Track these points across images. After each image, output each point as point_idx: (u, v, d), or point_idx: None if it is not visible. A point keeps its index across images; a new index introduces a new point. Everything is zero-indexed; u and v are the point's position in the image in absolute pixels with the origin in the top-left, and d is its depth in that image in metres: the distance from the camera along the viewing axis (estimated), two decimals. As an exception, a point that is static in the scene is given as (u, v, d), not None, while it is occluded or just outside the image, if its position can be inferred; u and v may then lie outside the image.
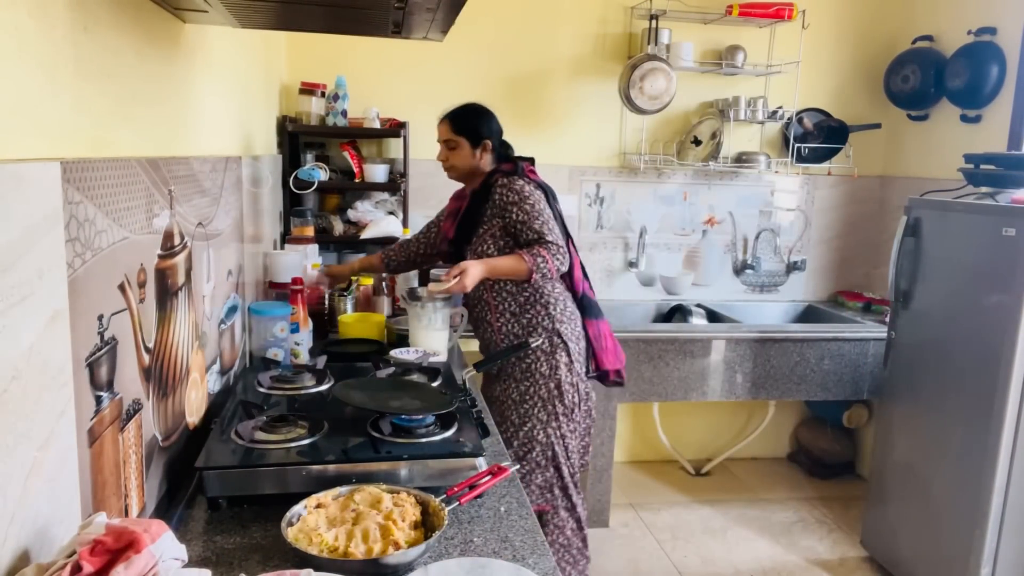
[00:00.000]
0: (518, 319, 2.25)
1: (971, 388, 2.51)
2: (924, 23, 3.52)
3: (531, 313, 2.24)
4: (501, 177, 2.22)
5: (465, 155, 2.26)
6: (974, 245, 2.52)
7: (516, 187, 2.18)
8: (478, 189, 2.27)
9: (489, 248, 2.20)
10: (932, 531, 2.68)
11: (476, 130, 2.26)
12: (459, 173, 2.32)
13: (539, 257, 2.10)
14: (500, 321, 2.26)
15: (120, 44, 1.12)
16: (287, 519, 1.15)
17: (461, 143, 2.26)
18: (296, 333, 2.02)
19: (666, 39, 3.42)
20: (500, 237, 2.21)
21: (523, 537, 1.27)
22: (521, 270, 2.10)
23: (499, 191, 2.20)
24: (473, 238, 2.24)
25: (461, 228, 2.29)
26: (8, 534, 0.78)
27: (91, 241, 0.97)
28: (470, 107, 2.32)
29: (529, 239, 2.16)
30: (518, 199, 2.16)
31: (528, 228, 2.16)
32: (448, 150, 2.28)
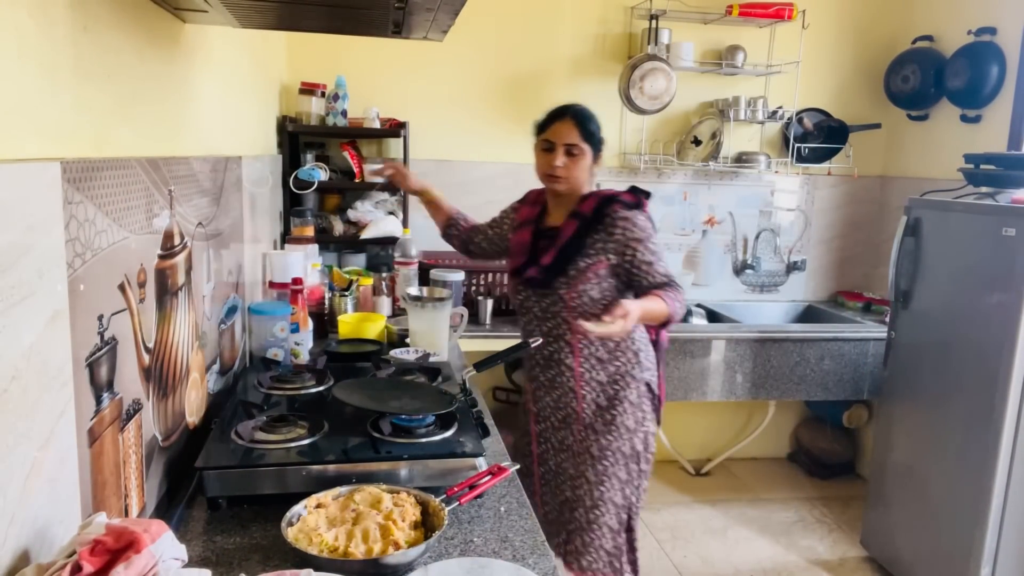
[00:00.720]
0: (605, 367, 2.01)
1: (971, 388, 2.51)
2: (924, 23, 3.52)
3: (621, 360, 2.01)
4: (622, 208, 1.93)
5: (585, 167, 1.95)
6: (974, 245, 2.52)
7: (640, 223, 1.92)
8: (588, 216, 1.94)
9: (592, 288, 1.93)
10: (932, 531, 2.68)
11: (600, 141, 1.97)
12: (571, 188, 1.98)
13: (677, 302, 1.86)
14: (584, 367, 2.00)
15: (120, 44, 1.12)
16: (287, 519, 1.15)
17: (585, 152, 1.94)
18: (296, 333, 2.02)
19: (666, 39, 3.42)
20: (605, 277, 1.93)
21: (523, 537, 1.27)
22: (662, 315, 1.85)
23: (621, 225, 1.91)
24: (571, 271, 1.93)
25: (562, 256, 1.95)
26: (8, 534, 0.78)
27: (91, 241, 0.97)
28: (589, 112, 1.99)
29: (655, 283, 1.90)
30: (643, 237, 1.91)
31: (654, 271, 1.91)
32: (569, 157, 1.93)
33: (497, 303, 3.11)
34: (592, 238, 1.93)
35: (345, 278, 2.72)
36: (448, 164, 3.46)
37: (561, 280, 1.94)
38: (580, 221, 1.95)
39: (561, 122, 1.93)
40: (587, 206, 1.96)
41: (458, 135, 3.45)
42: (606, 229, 1.92)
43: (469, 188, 3.50)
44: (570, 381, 2.03)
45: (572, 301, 1.95)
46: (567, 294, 1.95)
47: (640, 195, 1.99)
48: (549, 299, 1.98)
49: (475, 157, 3.49)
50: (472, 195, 3.50)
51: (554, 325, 2.01)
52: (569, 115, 1.93)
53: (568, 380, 2.03)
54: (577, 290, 1.93)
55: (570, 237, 1.95)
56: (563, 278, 1.94)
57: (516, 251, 2.08)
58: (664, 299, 1.84)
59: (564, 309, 1.97)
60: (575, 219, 1.96)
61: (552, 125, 1.94)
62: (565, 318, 1.98)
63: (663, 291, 1.86)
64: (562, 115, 1.93)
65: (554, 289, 1.96)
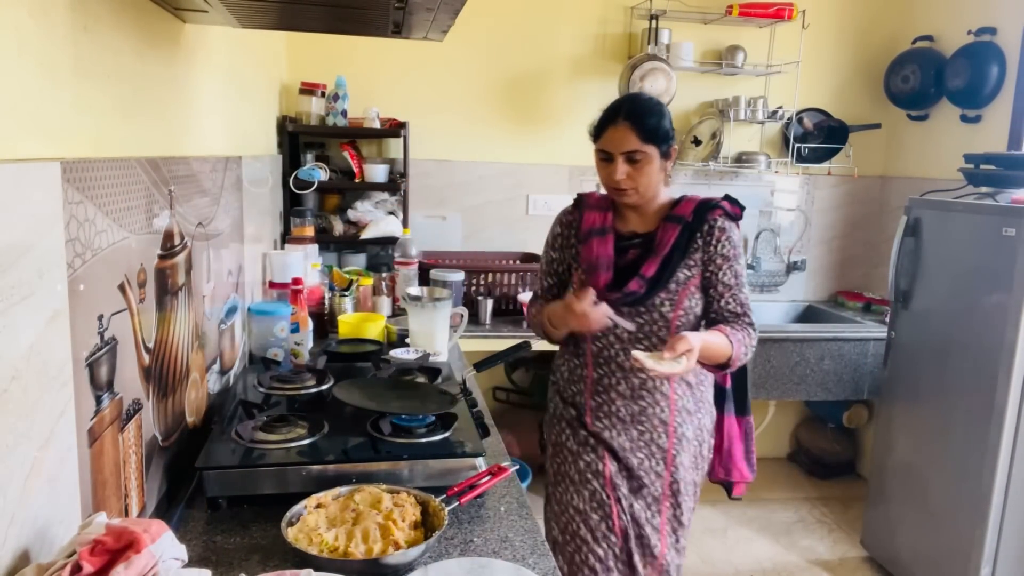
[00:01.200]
0: (693, 392, 1.80)
1: (971, 388, 2.51)
2: (924, 23, 3.52)
3: (704, 386, 1.83)
4: (723, 217, 1.71)
5: (654, 171, 1.67)
6: (974, 245, 2.52)
7: (735, 239, 1.71)
8: (690, 221, 1.71)
9: (696, 305, 1.72)
10: (932, 531, 2.68)
11: (667, 133, 1.68)
12: (644, 198, 1.71)
13: (744, 346, 1.66)
14: (678, 393, 1.77)
15: (120, 44, 1.12)
16: (287, 519, 1.15)
17: (651, 155, 1.66)
18: (296, 333, 2.02)
19: (666, 39, 3.42)
20: (696, 293, 1.72)
21: (523, 537, 1.26)
22: (721, 356, 1.64)
23: (718, 236, 1.69)
24: (672, 284, 1.69)
25: (667, 267, 1.70)
26: (8, 534, 0.78)
27: (91, 241, 0.97)
28: (651, 99, 1.74)
29: (727, 311, 1.71)
30: (734, 255, 1.70)
31: (733, 298, 1.70)
32: (631, 166, 1.66)
33: (497, 303, 3.11)
34: (693, 246, 1.71)
35: (345, 278, 2.72)
36: (448, 164, 3.46)
37: (663, 296, 1.69)
38: (683, 226, 1.70)
39: (614, 128, 1.65)
40: (685, 209, 1.72)
41: (458, 135, 3.45)
42: (704, 237, 1.70)
43: (469, 188, 3.50)
44: (663, 412, 1.77)
45: (677, 320, 1.70)
46: (672, 312, 1.70)
47: (736, 205, 1.75)
48: (644, 318, 1.71)
49: (475, 157, 3.49)
50: (472, 195, 3.51)
51: (648, 348, 1.70)
52: (622, 117, 1.64)
53: (662, 412, 1.77)
54: (683, 307, 1.70)
55: (674, 244, 1.69)
56: (665, 293, 1.69)
57: (597, 264, 1.74)
58: (730, 338, 1.63)
59: (664, 329, 1.72)
60: (675, 224, 1.71)
61: (605, 132, 1.67)
62: (663, 339, 1.70)
63: (732, 328, 1.67)
64: (613, 118, 1.66)
65: (656, 306, 1.70)
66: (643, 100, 1.72)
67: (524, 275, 3.15)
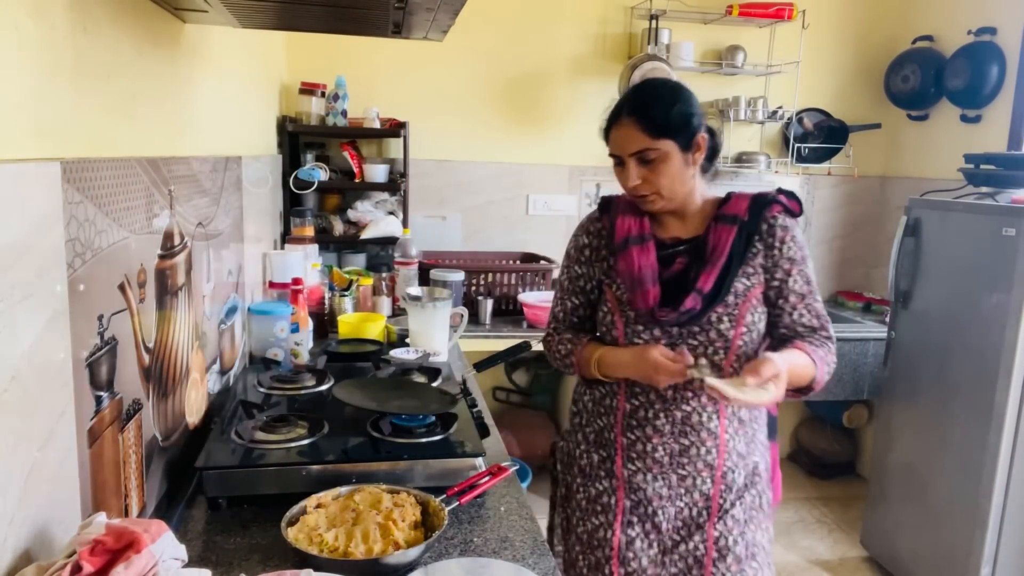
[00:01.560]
0: (744, 429, 1.51)
1: (971, 388, 2.51)
2: (924, 23, 3.52)
3: (758, 423, 1.56)
4: (780, 212, 1.47)
5: (677, 169, 1.41)
6: (974, 245, 2.52)
7: (800, 239, 1.47)
8: (747, 220, 1.45)
9: (759, 321, 1.45)
10: (932, 531, 2.68)
11: (686, 120, 1.40)
12: (672, 202, 1.46)
13: (827, 364, 1.43)
14: (729, 431, 1.48)
15: (120, 44, 1.12)
16: (287, 519, 1.15)
17: (665, 151, 1.40)
18: (296, 333, 2.02)
19: (666, 39, 3.42)
20: (763, 303, 1.46)
21: (523, 537, 1.26)
22: (803, 379, 1.41)
23: (781, 236, 1.45)
24: (730, 297, 1.42)
25: (727, 277, 1.43)
26: (8, 534, 0.78)
27: (91, 241, 0.97)
28: (660, 84, 1.48)
29: (800, 325, 1.46)
30: (802, 257, 1.45)
31: (808, 309, 1.46)
32: (645, 167, 1.41)
33: (497, 303, 3.11)
34: (753, 250, 1.45)
35: (345, 278, 2.72)
36: (448, 164, 3.46)
37: (720, 311, 1.42)
38: (739, 226, 1.43)
39: (617, 127, 1.43)
40: (738, 207, 1.46)
41: (458, 135, 3.45)
42: (764, 239, 1.44)
43: (469, 188, 3.50)
44: (710, 454, 1.47)
45: (739, 339, 1.42)
46: (734, 330, 1.42)
47: (794, 199, 1.49)
48: (699, 339, 1.43)
49: (475, 157, 3.49)
50: (472, 195, 3.51)
51: None
52: (624, 114, 1.41)
53: (708, 454, 1.47)
54: (745, 323, 1.42)
55: (731, 250, 1.42)
56: (723, 307, 1.42)
57: (641, 277, 1.45)
58: (812, 356, 1.39)
59: (722, 351, 1.43)
60: (729, 225, 1.44)
61: (611, 134, 1.45)
62: (720, 366, 1.44)
63: (810, 344, 1.42)
64: (616, 117, 1.44)
65: (712, 323, 1.42)
66: (649, 88, 1.46)
67: (524, 275, 3.15)
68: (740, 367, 1.41)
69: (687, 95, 1.43)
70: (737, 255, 1.43)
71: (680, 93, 1.43)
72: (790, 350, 1.40)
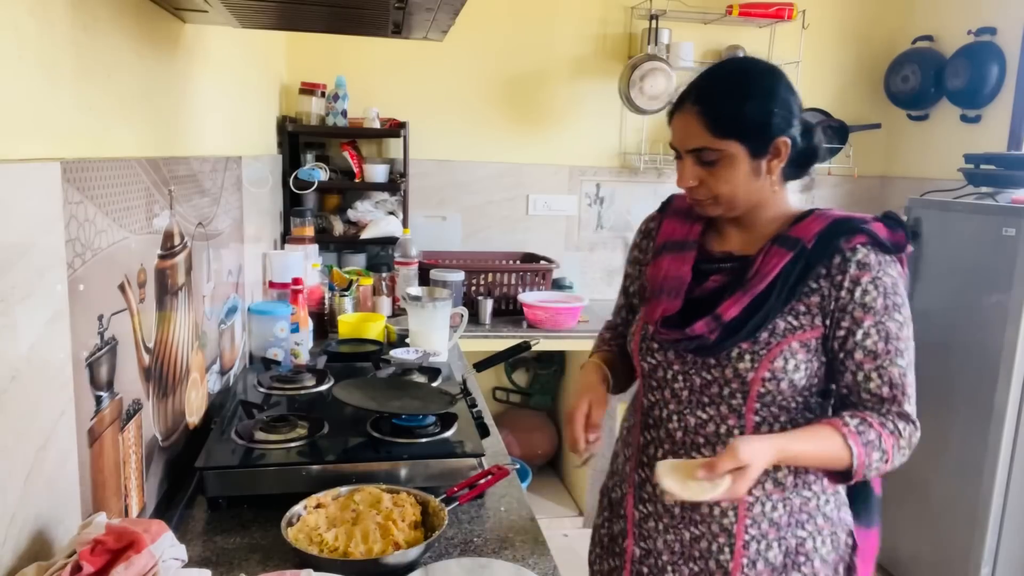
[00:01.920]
0: (784, 494, 1.21)
1: (971, 388, 2.51)
2: (924, 23, 3.52)
3: (815, 488, 1.22)
4: (867, 245, 1.16)
5: (740, 176, 1.17)
6: (974, 245, 2.52)
7: (889, 281, 1.15)
8: (809, 247, 1.17)
9: (798, 369, 1.15)
10: (932, 531, 2.68)
11: (764, 121, 1.16)
12: (736, 211, 1.22)
13: (879, 451, 1.10)
14: (755, 492, 1.20)
15: (120, 44, 1.12)
16: (287, 519, 1.15)
17: (730, 153, 1.16)
18: (296, 333, 2.02)
19: (666, 39, 3.42)
20: (815, 353, 1.17)
21: (523, 537, 1.26)
22: (834, 463, 1.11)
23: (857, 275, 1.14)
24: (763, 333, 1.16)
25: (760, 308, 1.16)
26: (8, 534, 0.78)
27: (91, 241, 0.97)
28: (740, 68, 1.24)
29: (871, 392, 1.14)
30: (883, 307, 1.14)
31: (880, 373, 1.13)
32: (705, 168, 1.18)
33: (497, 303, 3.12)
34: (809, 285, 1.17)
35: (345, 278, 2.72)
36: (448, 164, 3.46)
37: (744, 347, 1.16)
38: (797, 253, 1.17)
39: (679, 115, 1.19)
40: (808, 230, 1.18)
41: (458, 135, 3.45)
42: (832, 276, 1.15)
43: (469, 188, 3.50)
44: (726, 516, 1.21)
45: (760, 385, 1.16)
46: (754, 373, 1.16)
47: (899, 230, 1.19)
48: (714, 374, 1.20)
49: (475, 157, 3.49)
50: (472, 195, 3.51)
51: (714, 417, 1.21)
52: (690, 101, 1.18)
53: (723, 516, 1.21)
54: (772, 368, 1.15)
55: (777, 277, 1.17)
56: (749, 345, 1.16)
57: (662, 288, 1.27)
58: (850, 439, 1.08)
59: (739, 396, 1.19)
60: (786, 249, 1.18)
61: (673, 121, 1.22)
62: (739, 411, 1.19)
63: (863, 421, 1.11)
64: (681, 103, 1.20)
65: (731, 360, 1.17)
66: (725, 72, 1.23)
67: (524, 275, 3.15)
68: (775, 418, 1.18)
69: (772, 87, 1.17)
70: (784, 287, 1.16)
71: (762, 84, 1.17)
72: (810, 429, 1.13)
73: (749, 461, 1.02)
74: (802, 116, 1.20)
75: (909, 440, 1.13)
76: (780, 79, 1.19)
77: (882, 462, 1.11)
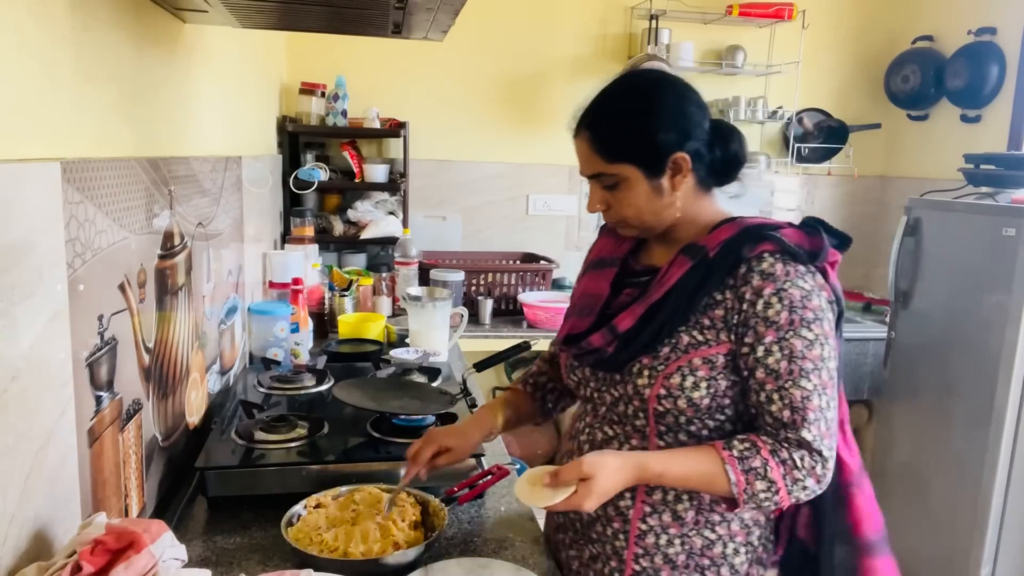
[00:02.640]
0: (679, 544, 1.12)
1: (971, 388, 2.51)
2: (924, 23, 3.52)
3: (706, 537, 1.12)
4: (774, 254, 1.07)
5: (642, 197, 1.12)
6: (974, 245, 2.52)
7: (796, 293, 1.05)
8: (712, 256, 1.09)
9: (698, 387, 1.07)
10: (932, 531, 2.68)
11: (648, 142, 1.10)
12: (645, 226, 1.16)
13: (766, 480, 1.01)
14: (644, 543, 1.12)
15: (120, 44, 1.12)
16: (287, 519, 1.15)
17: (626, 177, 1.11)
18: (296, 333, 2.02)
19: (666, 39, 3.42)
20: (722, 371, 1.08)
21: (523, 537, 1.26)
22: (715, 488, 1.04)
23: (762, 288, 1.05)
24: (662, 347, 1.09)
25: (653, 319, 1.10)
26: (8, 534, 0.78)
27: (91, 241, 0.97)
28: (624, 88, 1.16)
29: (772, 415, 1.05)
30: (794, 322, 1.04)
31: (781, 395, 1.04)
32: (608, 192, 1.14)
33: (497, 303, 3.12)
34: (713, 297, 1.09)
35: (345, 278, 2.72)
36: (448, 164, 3.46)
37: (645, 363, 1.10)
38: (697, 262, 1.10)
39: (576, 140, 1.16)
40: (715, 238, 1.11)
41: (458, 135, 3.45)
42: (736, 286, 1.07)
43: (469, 188, 3.50)
44: (618, 539, 1.14)
45: (657, 404, 1.09)
46: (650, 390, 1.09)
47: (817, 236, 1.11)
48: (619, 391, 1.14)
49: (475, 157, 3.49)
50: (472, 195, 3.51)
51: (619, 435, 1.16)
52: (583, 126, 1.14)
53: (616, 546, 1.14)
54: (669, 385, 1.08)
55: (674, 287, 1.10)
56: (649, 360, 1.10)
57: (577, 307, 1.25)
58: (729, 464, 1.01)
59: (641, 415, 1.12)
60: (688, 257, 1.11)
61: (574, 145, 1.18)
62: (643, 431, 1.13)
63: (751, 446, 1.03)
64: (577, 128, 1.16)
65: (631, 376, 1.11)
66: (611, 94, 1.15)
67: (524, 275, 3.15)
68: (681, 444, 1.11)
69: (660, 102, 1.11)
70: (681, 298, 1.08)
71: (648, 100, 1.11)
72: (689, 451, 1.06)
73: (591, 473, 1.00)
74: (712, 122, 1.14)
75: (810, 471, 1.02)
76: (672, 90, 1.12)
77: (771, 492, 1.02)
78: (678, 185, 1.12)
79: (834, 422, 1.06)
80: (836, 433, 1.07)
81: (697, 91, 1.15)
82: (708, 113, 1.15)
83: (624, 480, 1.03)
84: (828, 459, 1.03)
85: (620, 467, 1.02)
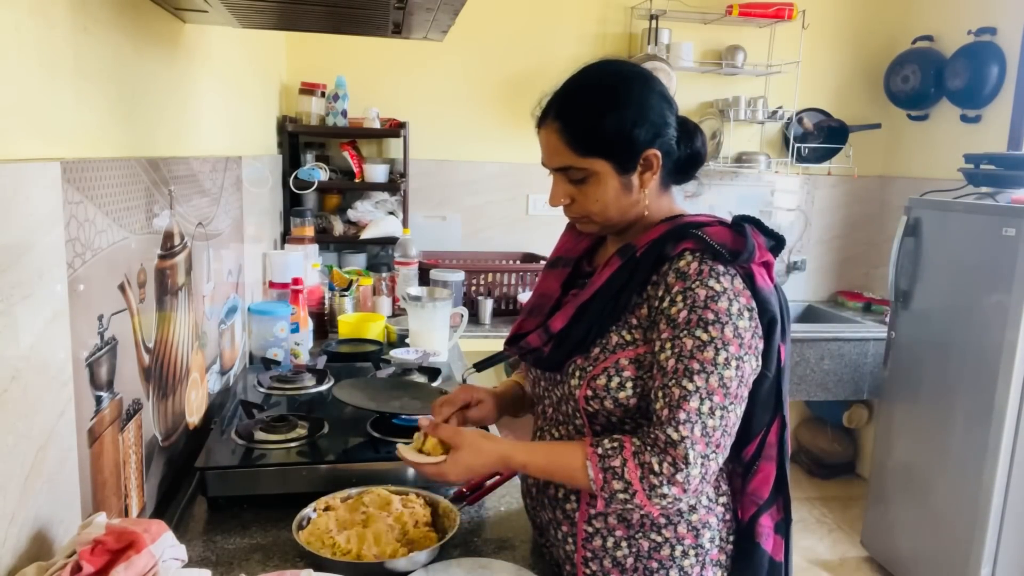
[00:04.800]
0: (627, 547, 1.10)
1: (971, 388, 2.51)
2: (924, 23, 3.52)
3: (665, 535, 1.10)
4: (695, 252, 1.05)
5: (610, 194, 1.10)
6: (974, 245, 2.52)
7: (708, 289, 1.02)
8: (638, 256, 1.08)
9: (623, 387, 1.06)
10: (932, 531, 2.68)
11: (625, 137, 1.07)
12: (608, 223, 1.14)
13: (619, 479, 0.99)
14: (591, 546, 1.11)
15: (120, 44, 1.12)
16: (297, 521, 1.15)
17: (595, 171, 1.09)
18: (296, 333, 2.02)
19: (666, 39, 3.42)
20: (650, 370, 1.05)
21: (523, 537, 1.26)
22: (578, 483, 1.04)
23: (672, 284, 1.04)
24: (594, 348, 1.09)
25: (582, 319, 1.10)
26: (8, 534, 0.78)
27: (91, 241, 0.97)
28: (599, 79, 1.13)
29: (654, 412, 1.02)
30: (689, 321, 1.01)
31: (663, 392, 1.01)
32: (571, 186, 1.13)
33: (497, 303, 3.11)
34: (640, 296, 1.08)
35: (345, 278, 2.72)
36: (448, 164, 3.46)
37: (579, 364, 1.09)
38: (626, 261, 1.09)
39: (543, 130, 1.13)
40: (645, 238, 1.10)
41: (458, 135, 3.45)
42: (657, 284, 1.07)
43: (469, 188, 3.50)
44: (566, 542, 1.14)
45: (587, 404, 1.09)
46: (580, 390, 1.09)
47: (741, 233, 1.05)
48: (560, 391, 1.15)
49: (475, 157, 3.49)
50: (472, 195, 3.51)
51: (563, 436, 1.16)
52: (552, 116, 1.11)
53: (563, 541, 1.14)
54: (596, 386, 1.07)
55: (601, 287, 1.10)
56: (582, 360, 1.09)
57: (532, 306, 1.25)
58: (591, 460, 1.00)
59: (577, 415, 1.12)
60: (620, 257, 1.11)
61: (539, 135, 1.15)
62: (583, 432, 1.12)
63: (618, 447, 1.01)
64: (544, 117, 1.13)
65: (567, 377, 1.11)
66: (583, 84, 1.13)
67: (524, 275, 3.15)
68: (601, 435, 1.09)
69: (639, 96, 1.08)
70: (608, 297, 1.08)
71: (628, 94, 1.08)
72: (560, 445, 1.08)
73: (459, 445, 1.06)
74: (680, 120, 1.13)
75: (670, 478, 0.97)
76: (647, 85, 1.10)
77: (628, 494, 0.99)
78: (647, 182, 1.10)
79: (718, 432, 1.00)
80: (722, 446, 1.01)
81: (666, 86, 1.14)
82: (676, 109, 1.13)
83: (487, 463, 1.08)
84: (692, 465, 0.98)
85: (487, 451, 1.07)
